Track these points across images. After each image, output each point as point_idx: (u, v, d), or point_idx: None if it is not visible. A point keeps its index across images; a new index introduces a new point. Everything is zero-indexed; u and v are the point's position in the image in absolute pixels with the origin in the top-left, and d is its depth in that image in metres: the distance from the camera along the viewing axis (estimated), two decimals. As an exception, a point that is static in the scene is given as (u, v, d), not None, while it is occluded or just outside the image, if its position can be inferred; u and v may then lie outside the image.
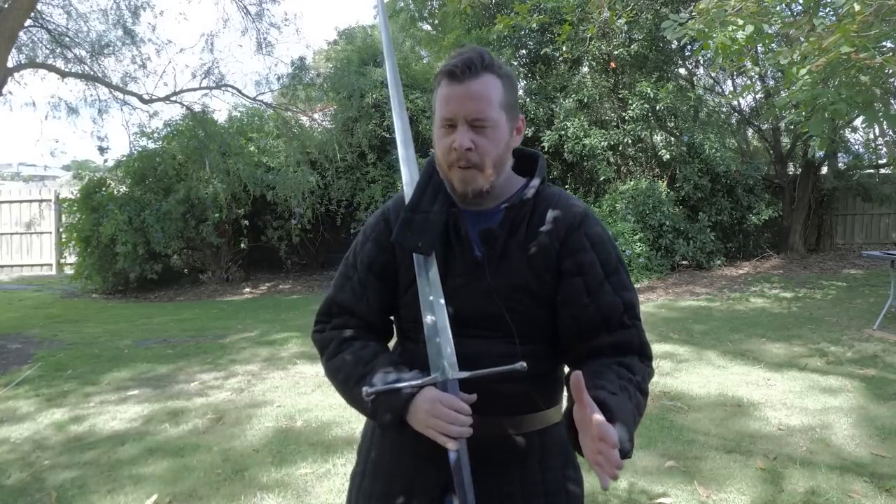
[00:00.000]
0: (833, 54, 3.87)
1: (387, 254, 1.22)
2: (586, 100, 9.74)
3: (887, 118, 4.47)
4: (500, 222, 1.16)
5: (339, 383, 1.20)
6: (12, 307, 8.70)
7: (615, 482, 2.84)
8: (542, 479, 1.17)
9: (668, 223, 9.44)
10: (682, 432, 3.45)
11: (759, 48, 8.25)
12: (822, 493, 2.72)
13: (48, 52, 8.86)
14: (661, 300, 7.84)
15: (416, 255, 1.16)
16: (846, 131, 10.88)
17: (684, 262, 10.11)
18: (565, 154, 9.62)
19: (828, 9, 5.37)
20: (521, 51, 10.83)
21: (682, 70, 11.43)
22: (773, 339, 5.58)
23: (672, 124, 10.33)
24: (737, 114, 12.18)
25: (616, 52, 9.80)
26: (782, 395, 4.06)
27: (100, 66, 9.24)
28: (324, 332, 1.26)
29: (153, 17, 21.62)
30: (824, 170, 11.84)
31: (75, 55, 8.98)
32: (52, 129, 47.42)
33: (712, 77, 12.16)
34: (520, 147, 1.23)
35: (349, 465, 3.12)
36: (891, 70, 4.09)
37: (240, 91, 9.66)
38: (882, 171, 11.65)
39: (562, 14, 9.20)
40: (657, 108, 9.45)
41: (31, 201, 12.95)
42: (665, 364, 4.83)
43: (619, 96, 10.14)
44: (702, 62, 11.32)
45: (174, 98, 9.28)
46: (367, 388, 1.09)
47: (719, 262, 10.12)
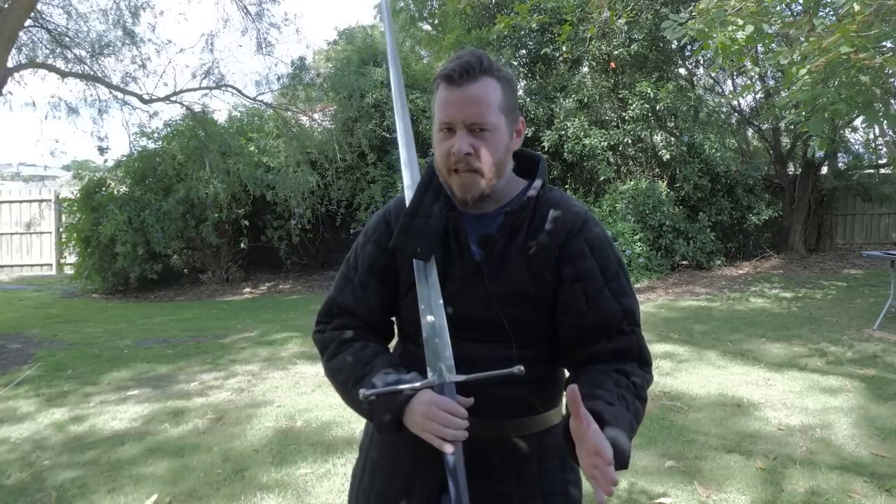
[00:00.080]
0: (833, 54, 3.87)
1: (387, 256, 1.21)
2: (586, 100, 9.73)
3: (887, 118, 4.47)
4: (500, 227, 1.15)
5: (339, 384, 1.20)
6: (12, 307, 8.70)
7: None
8: (539, 481, 1.17)
9: (668, 223, 9.44)
10: (682, 432, 3.45)
11: (759, 48, 8.25)
12: (822, 493, 2.72)
13: (48, 52, 8.85)
14: (661, 300, 7.85)
15: (415, 260, 1.16)
16: (846, 131, 10.88)
17: (684, 262, 10.11)
18: (565, 154, 9.61)
19: (828, 9, 5.37)
20: (521, 51, 10.83)
21: (682, 70, 11.43)
22: (773, 339, 5.58)
23: (672, 124, 10.32)
24: (737, 114, 12.17)
25: (616, 52, 9.80)
26: (782, 395, 4.06)
27: (100, 66, 9.24)
28: (325, 333, 1.26)
29: (153, 17, 21.60)
30: (824, 170, 11.84)
31: (75, 55, 8.98)
32: (52, 129, 47.47)
33: (712, 77, 12.16)
34: (521, 149, 1.22)
35: (349, 465, 3.12)
36: (891, 70, 4.09)
37: (240, 91, 9.66)
38: (882, 171, 11.65)
39: (562, 14, 9.20)
40: (657, 108, 9.45)
41: (31, 201, 12.95)
42: (665, 364, 4.83)
43: (619, 96, 10.14)
44: (702, 62, 11.31)
45: (174, 98, 9.28)
46: (363, 390, 1.09)
47: (719, 262, 10.12)
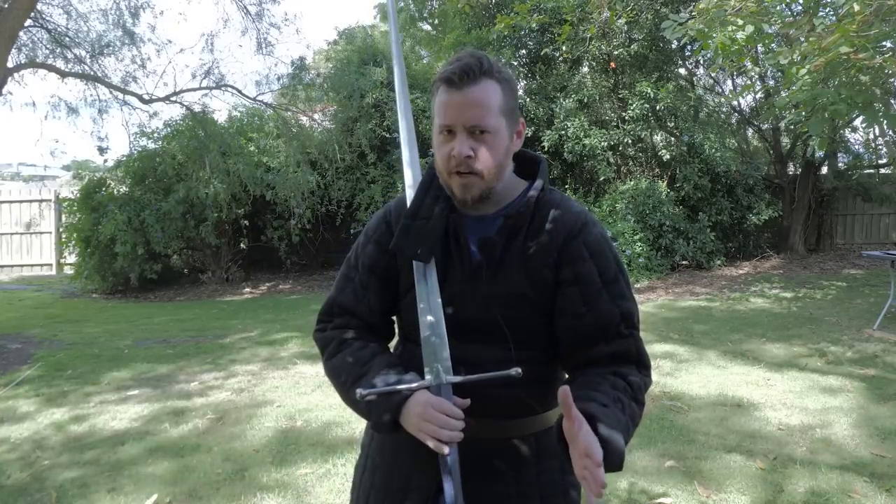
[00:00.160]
0: (833, 54, 3.87)
1: (388, 256, 1.22)
2: (586, 100, 9.73)
3: (887, 118, 4.47)
4: (499, 229, 1.15)
5: (338, 383, 1.21)
6: (12, 307, 8.70)
7: (611, 486, 2.84)
8: (538, 481, 1.17)
9: (668, 223, 9.44)
10: (682, 432, 3.45)
11: (759, 48, 8.26)
12: (823, 493, 2.72)
13: (48, 52, 8.85)
14: (661, 300, 7.85)
15: (415, 262, 1.16)
16: (846, 131, 10.88)
17: (684, 262, 10.11)
18: (565, 154, 9.61)
19: (828, 9, 5.37)
20: (521, 51, 10.83)
21: (682, 70, 11.43)
22: (773, 339, 5.58)
23: (672, 124, 10.32)
24: (737, 114, 12.17)
25: (616, 52, 9.80)
26: (782, 395, 4.06)
27: (100, 66, 9.24)
28: (325, 332, 1.27)
29: (153, 18, 21.60)
30: (824, 170, 11.84)
31: (75, 55, 8.98)
32: (52, 129, 47.39)
33: (712, 77, 12.15)
34: (522, 150, 1.22)
35: (349, 465, 3.12)
36: (891, 70, 4.10)
37: (240, 91, 9.66)
38: (882, 171, 11.65)
39: (562, 14, 9.21)
40: (657, 108, 9.45)
41: (31, 201, 12.95)
42: (665, 364, 4.83)
43: (619, 96, 10.14)
44: (702, 62, 11.31)
45: (174, 98, 9.28)
46: (360, 390, 1.09)
47: (719, 262, 10.12)
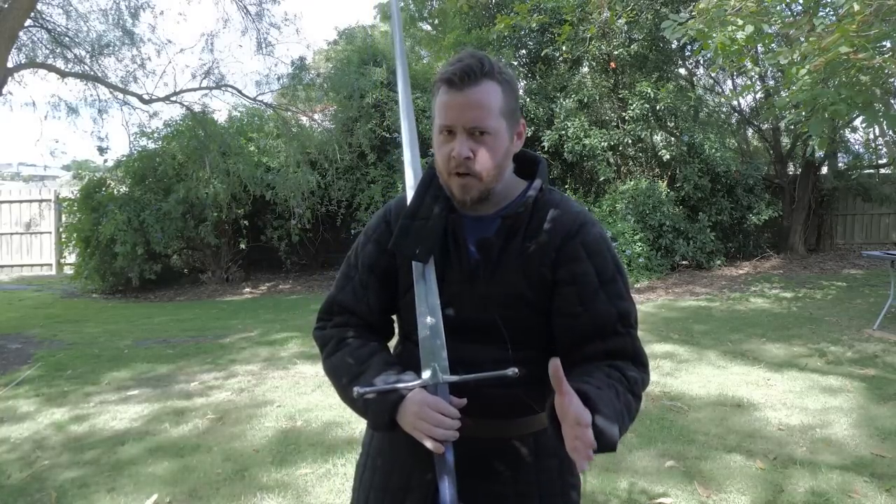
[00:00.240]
0: (833, 54, 3.87)
1: (387, 256, 1.22)
2: (586, 100, 9.74)
3: (887, 118, 4.46)
4: (497, 230, 1.15)
5: (336, 381, 1.21)
6: (12, 307, 8.70)
7: (611, 486, 2.84)
8: (536, 481, 1.17)
9: (668, 223, 9.44)
10: (682, 432, 3.45)
11: (759, 48, 8.25)
12: (823, 493, 2.72)
13: (48, 52, 8.85)
14: (661, 300, 7.85)
15: (414, 262, 1.16)
16: (846, 131, 10.88)
17: (684, 262, 10.11)
18: (565, 154, 9.62)
19: (828, 9, 5.37)
20: (521, 51, 10.83)
21: (682, 70, 11.43)
22: (773, 339, 5.58)
23: (672, 124, 10.33)
24: (737, 114, 12.18)
25: (616, 52, 9.80)
26: (782, 395, 4.06)
27: (100, 66, 9.24)
28: (325, 330, 1.27)
29: (153, 18, 21.57)
30: (824, 170, 11.85)
31: (75, 55, 8.98)
32: (52, 129, 47.44)
33: (712, 77, 12.15)
34: (521, 150, 1.22)
35: (349, 465, 3.12)
36: (891, 70, 4.10)
37: (240, 91, 9.66)
38: (882, 171, 11.65)
39: (562, 14, 9.21)
40: (657, 108, 9.45)
41: (31, 201, 12.95)
42: (665, 364, 4.83)
43: (619, 96, 10.14)
44: (702, 62, 11.31)
45: (174, 98, 9.28)
46: (357, 389, 1.09)
47: (719, 262, 10.12)
